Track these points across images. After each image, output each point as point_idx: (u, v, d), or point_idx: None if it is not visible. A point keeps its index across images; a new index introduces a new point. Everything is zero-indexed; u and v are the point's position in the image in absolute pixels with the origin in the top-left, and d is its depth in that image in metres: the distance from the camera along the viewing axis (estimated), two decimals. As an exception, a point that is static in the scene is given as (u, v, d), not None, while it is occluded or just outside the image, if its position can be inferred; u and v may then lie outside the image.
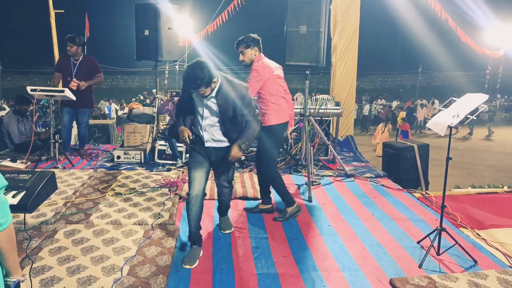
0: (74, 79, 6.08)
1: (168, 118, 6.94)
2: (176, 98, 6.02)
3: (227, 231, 3.98)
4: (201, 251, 3.54)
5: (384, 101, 25.26)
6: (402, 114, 19.45)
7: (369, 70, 37.92)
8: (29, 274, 2.92)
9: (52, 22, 8.18)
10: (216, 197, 4.10)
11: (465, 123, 3.22)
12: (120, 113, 20.15)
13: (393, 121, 18.98)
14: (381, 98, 26.76)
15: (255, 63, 4.15)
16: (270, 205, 4.48)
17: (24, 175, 2.08)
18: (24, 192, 1.98)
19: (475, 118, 3.18)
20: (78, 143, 6.86)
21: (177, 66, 28.71)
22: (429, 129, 20.79)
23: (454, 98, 3.57)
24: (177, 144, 6.13)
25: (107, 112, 21.35)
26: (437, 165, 6.58)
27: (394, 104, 23.95)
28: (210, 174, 3.66)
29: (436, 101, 25.38)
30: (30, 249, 3.44)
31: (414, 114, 23.47)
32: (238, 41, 4.19)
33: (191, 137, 3.44)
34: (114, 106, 22.00)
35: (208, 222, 4.19)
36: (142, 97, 27.39)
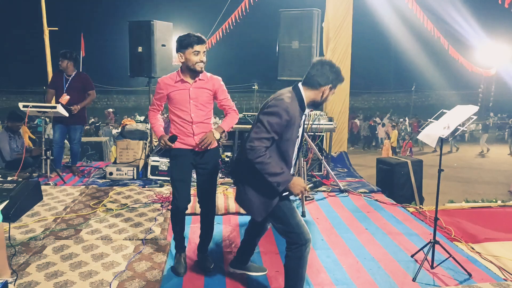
0: (65, 94, 6.08)
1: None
2: None
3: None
4: None
5: (378, 120, 25.37)
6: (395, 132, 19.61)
7: (363, 89, 38.25)
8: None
9: (46, 40, 8.22)
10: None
11: (455, 134, 3.22)
12: (114, 132, 20.02)
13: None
14: (375, 116, 26.91)
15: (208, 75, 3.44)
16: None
17: (8, 184, 2.06)
18: (8, 201, 1.94)
19: (466, 129, 3.18)
20: (70, 159, 6.81)
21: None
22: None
23: (444, 110, 3.58)
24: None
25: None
26: (431, 183, 6.58)
27: (386, 121, 24.08)
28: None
29: (406, 120, 25.78)
30: (18, 265, 3.37)
31: (376, 132, 23.59)
32: (201, 38, 3.25)
33: None
34: None
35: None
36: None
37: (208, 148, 3.34)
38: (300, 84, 2.83)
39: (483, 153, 20.49)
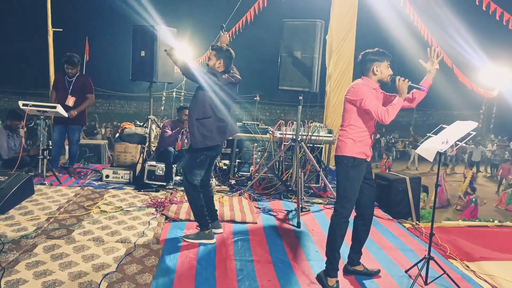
0: (70, 96, 6.09)
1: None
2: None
3: None
4: None
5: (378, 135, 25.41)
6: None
7: (365, 105, 38.22)
8: None
9: (49, 40, 8.23)
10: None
11: (454, 149, 3.21)
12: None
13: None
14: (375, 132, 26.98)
15: None
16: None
17: (0, 177, 2.03)
18: (-2, 193, 1.92)
19: (464, 144, 3.17)
20: (67, 160, 6.79)
21: (174, 93, 28.90)
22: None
23: (443, 125, 3.57)
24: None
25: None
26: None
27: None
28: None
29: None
30: (7, 262, 3.33)
31: None
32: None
33: None
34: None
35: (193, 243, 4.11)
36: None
37: None
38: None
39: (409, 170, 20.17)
